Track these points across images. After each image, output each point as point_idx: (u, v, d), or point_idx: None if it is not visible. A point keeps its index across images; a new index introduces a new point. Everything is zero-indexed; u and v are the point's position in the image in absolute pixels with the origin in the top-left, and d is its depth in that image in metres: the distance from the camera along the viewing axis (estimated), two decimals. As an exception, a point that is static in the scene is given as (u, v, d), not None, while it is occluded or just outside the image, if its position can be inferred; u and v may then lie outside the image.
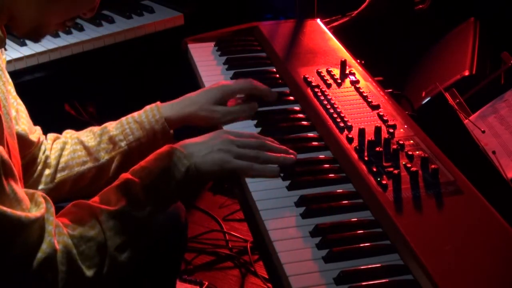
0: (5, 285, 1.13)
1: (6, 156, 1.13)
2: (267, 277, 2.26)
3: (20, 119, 1.49)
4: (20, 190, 1.15)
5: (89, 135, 1.58)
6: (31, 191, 1.19)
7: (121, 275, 1.25)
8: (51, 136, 1.61)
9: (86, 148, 1.56)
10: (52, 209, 1.18)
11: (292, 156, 1.40)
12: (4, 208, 1.08)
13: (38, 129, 1.58)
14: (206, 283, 2.33)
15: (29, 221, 1.11)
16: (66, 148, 1.58)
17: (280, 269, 1.14)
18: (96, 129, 1.59)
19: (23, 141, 1.47)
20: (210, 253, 2.54)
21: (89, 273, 1.18)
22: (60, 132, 1.64)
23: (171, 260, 1.57)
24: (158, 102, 1.58)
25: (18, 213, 1.10)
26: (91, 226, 1.21)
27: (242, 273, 2.43)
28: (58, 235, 1.16)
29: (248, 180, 1.36)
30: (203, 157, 1.33)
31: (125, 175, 1.30)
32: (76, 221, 1.21)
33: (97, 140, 1.56)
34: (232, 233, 2.61)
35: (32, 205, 1.17)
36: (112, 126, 1.57)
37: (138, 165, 1.33)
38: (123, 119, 1.57)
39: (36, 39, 1.38)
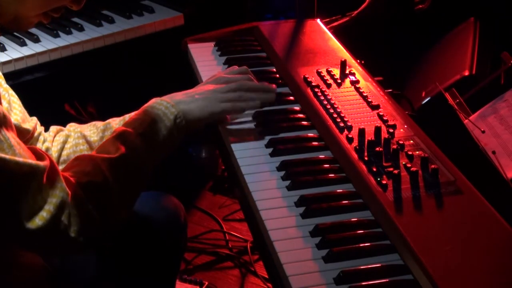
0: (23, 231, 1.16)
1: (5, 111, 1.18)
2: (267, 277, 2.26)
3: (13, 110, 1.49)
4: (21, 142, 1.20)
5: (92, 130, 1.59)
6: (29, 146, 1.23)
7: (123, 221, 1.32)
8: (54, 128, 1.62)
9: (88, 142, 1.57)
10: (53, 159, 1.24)
11: (272, 93, 1.57)
12: (16, 158, 1.13)
13: (34, 119, 1.59)
14: (206, 283, 2.33)
15: (40, 168, 1.16)
16: (69, 142, 1.59)
17: (280, 269, 1.14)
18: (99, 124, 1.60)
19: (17, 130, 1.47)
20: (210, 253, 2.54)
21: (98, 216, 1.23)
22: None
23: (170, 259, 1.57)
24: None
25: (29, 161, 1.15)
26: (96, 175, 1.26)
27: (242, 273, 2.44)
28: (67, 182, 1.22)
29: (248, 180, 1.36)
30: (189, 104, 1.43)
31: (119, 128, 1.37)
32: (81, 171, 1.27)
33: (99, 136, 1.57)
34: (232, 233, 2.61)
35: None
36: (115, 122, 1.58)
37: (129, 118, 1.41)
38: (127, 116, 1.58)
39: (21, 29, 1.39)
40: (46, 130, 1.62)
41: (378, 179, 1.30)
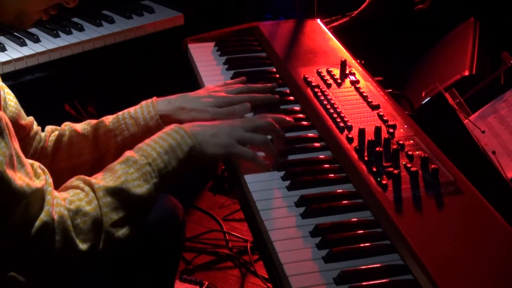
0: (4, 251, 1.15)
1: (7, 119, 1.16)
2: (267, 277, 2.26)
3: (8, 108, 1.49)
4: (22, 154, 1.17)
5: (86, 128, 1.59)
6: (30, 161, 1.20)
7: (118, 249, 1.26)
8: (48, 128, 1.62)
9: (82, 141, 1.57)
10: (50, 180, 1.20)
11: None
12: (10, 176, 1.10)
13: (31, 118, 1.58)
14: (206, 283, 2.33)
15: (31, 190, 1.14)
16: (63, 141, 1.59)
17: (280, 269, 1.14)
18: (93, 122, 1.60)
19: (12, 126, 1.47)
20: (210, 253, 2.54)
21: (82, 246, 1.19)
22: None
23: (169, 259, 1.57)
24: (154, 98, 1.58)
25: (21, 182, 1.12)
26: (88, 201, 1.22)
27: (242, 273, 2.43)
28: (56, 206, 1.18)
29: (248, 180, 1.36)
30: (209, 138, 1.36)
31: (129, 152, 1.31)
32: (74, 195, 1.23)
33: (92, 134, 1.57)
34: (232, 233, 2.61)
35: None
36: (108, 121, 1.57)
37: (143, 142, 1.34)
38: (120, 114, 1.58)
39: (21, 27, 1.39)
40: (43, 130, 1.63)
41: (378, 179, 1.30)
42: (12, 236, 1.14)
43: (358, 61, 1.79)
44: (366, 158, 1.36)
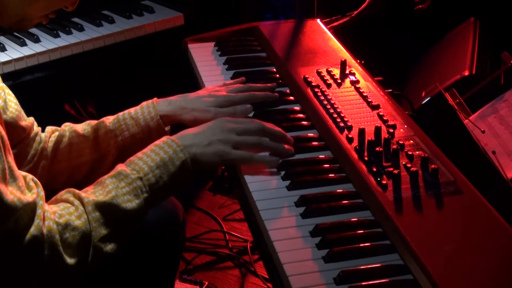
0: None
1: (3, 131, 1.15)
2: (267, 277, 2.26)
3: (9, 108, 1.49)
4: (16, 168, 1.17)
5: (86, 129, 1.59)
6: (23, 173, 1.20)
7: (106, 263, 1.26)
8: (49, 128, 1.62)
9: (83, 141, 1.57)
10: (42, 194, 1.20)
11: (291, 148, 1.43)
12: (2, 190, 1.09)
13: (31, 119, 1.58)
14: (206, 283, 2.33)
15: (22, 204, 1.13)
16: (64, 141, 1.59)
17: (280, 269, 1.14)
18: (93, 123, 1.59)
19: (13, 128, 1.48)
20: (210, 253, 2.54)
21: (70, 261, 1.18)
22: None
23: (169, 259, 1.57)
24: (155, 99, 1.58)
25: (12, 197, 1.12)
26: (78, 216, 1.21)
27: (242, 273, 2.44)
28: (46, 219, 1.17)
29: (248, 180, 1.36)
30: (203, 148, 1.35)
31: (120, 166, 1.30)
32: (64, 209, 1.22)
33: (92, 135, 1.57)
34: (232, 233, 2.61)
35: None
36: (109, 121, 1.57)
37: (134, 155, 1.33)
38: (120, 114, 1.58)
39: (23, 29, 1.40)
40: (44, 130, 1.63)
41: (378, 179, 1.30)
42: (1, 249, 1.13)
43: (358, 61, 1.79)
44: (366, 158, 1.36)
